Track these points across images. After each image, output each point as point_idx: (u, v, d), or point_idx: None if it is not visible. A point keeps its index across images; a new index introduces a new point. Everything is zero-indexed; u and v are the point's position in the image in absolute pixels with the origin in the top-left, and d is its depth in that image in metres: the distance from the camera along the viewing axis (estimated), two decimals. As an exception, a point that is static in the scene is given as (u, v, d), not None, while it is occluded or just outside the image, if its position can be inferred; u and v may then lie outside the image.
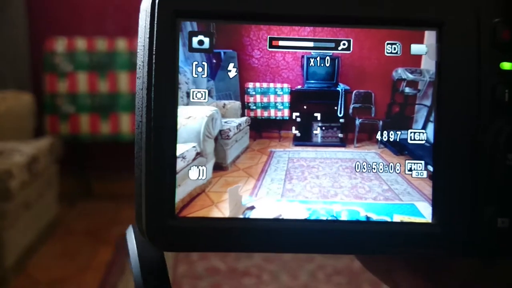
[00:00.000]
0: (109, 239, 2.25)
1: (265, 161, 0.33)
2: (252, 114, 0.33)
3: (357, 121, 0.33)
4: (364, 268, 0.37)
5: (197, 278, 1.91)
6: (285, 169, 0.33)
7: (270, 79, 0.33)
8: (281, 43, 0.32)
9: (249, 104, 0.33)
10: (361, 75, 0.33)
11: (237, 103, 0.33)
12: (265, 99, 0.33)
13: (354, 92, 0.33)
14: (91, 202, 2.70)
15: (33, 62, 2.70)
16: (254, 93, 0.33)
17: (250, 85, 0.33)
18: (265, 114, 0.33)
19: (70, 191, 2.65)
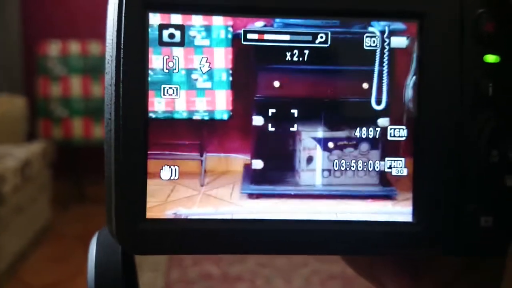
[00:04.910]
0: (102, 244, 2.24)
1: None
2: None
3: None
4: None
5: (190, 283, 1.89)
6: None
7: None
8: (256, 36, 0.31)
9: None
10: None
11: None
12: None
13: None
14: (84, 206, 2.68)
15: (26, 66, 2.69)
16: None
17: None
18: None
19: (63, 195, 2.64)
